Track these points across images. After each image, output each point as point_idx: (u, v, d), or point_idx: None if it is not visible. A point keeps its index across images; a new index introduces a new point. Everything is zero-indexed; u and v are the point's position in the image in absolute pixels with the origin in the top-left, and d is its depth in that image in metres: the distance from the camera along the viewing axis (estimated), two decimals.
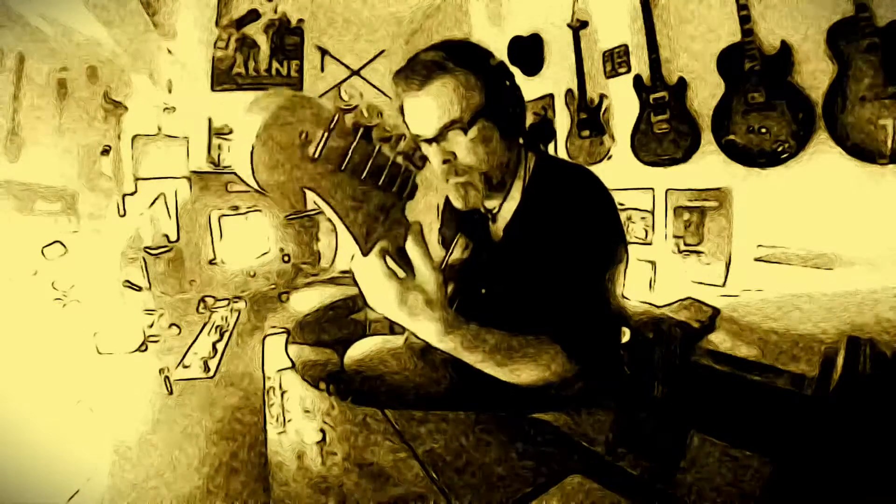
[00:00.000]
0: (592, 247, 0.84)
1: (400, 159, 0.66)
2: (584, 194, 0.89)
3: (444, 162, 0.86)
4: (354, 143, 0.59)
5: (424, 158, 0.69)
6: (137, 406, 1.01)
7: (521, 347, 0.78)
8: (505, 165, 0.92)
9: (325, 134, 0.56)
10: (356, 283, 0.66)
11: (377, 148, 0.62)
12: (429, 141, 0.86)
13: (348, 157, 0.59)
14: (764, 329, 1.75)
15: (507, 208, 0.96)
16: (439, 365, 1.12)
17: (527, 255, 0.89)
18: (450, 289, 0.80)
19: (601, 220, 0.87)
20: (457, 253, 0.90)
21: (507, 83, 0.90)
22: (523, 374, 0.78)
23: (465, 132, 0.84)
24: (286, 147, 0.54)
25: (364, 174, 0.61)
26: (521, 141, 0.96)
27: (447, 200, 1.00)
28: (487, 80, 0.86)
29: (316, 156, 0.56)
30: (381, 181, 0.63)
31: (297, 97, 0.56)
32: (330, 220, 0.61)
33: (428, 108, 0.84)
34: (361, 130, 0.60)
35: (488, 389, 0.90)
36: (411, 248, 0.65)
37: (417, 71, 0.83)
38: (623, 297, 0.94)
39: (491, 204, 0.98)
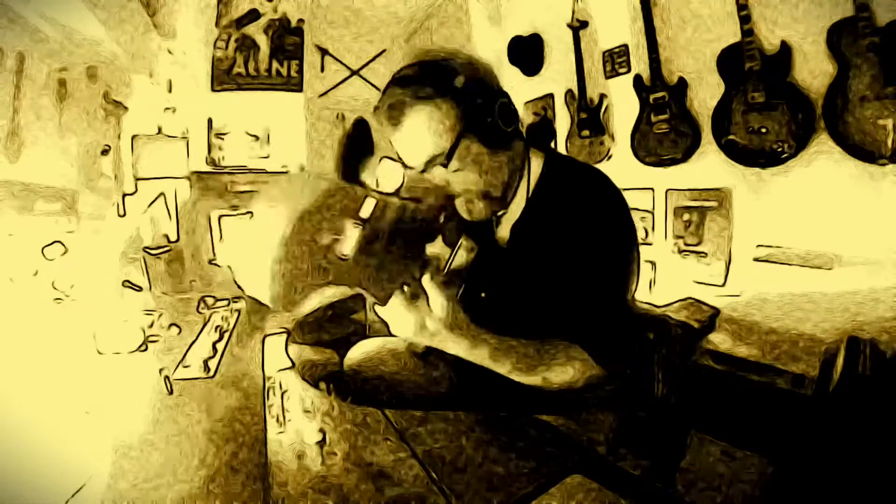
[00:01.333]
0: (609, 250, 0.84)
1: (423, 215, 0.65)
2: (597, 196, 0.88)
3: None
4: (386, 224, 0.55)
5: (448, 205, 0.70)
6: (137, 406, 1.01)
7: (546, 354, 0.79)
8: (504, 175, 0.89)
9: (362, 229, 0.51)
10: (378, 316, 0.70)
11: (400, 216, 0.59)
12: (421, 171, 0.84)
13: (376, 239, 0.55)
14: (764, 329, 1.75)
15: (512, 210, 0.95)
16: (440, 365, 1.12)
17: (534, 257, 0.88)
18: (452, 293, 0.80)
19: (617, 223, 0.86)
20: (461, 257, 0.89)
21: (479, 100, 0.83)
22: (553, 378, 0.79)
23: (446, 166, 0.82)
24: (311, 253, 0.47)
25: (385, 243, 0.58)
26: (520, 142, 0.94)
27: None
28: (458, 102, 0.81)
29: (349, 254, 0.50)
30: (405, 241, 0.61)
31: (329, 190, 0.49)
32: None
33: (408, 146, 0.83)
34: (393, 207, 0.56)
35: (489, 391, 0.90)
36: (427, 282, 0.69)
37: (387, 112, 0.82)
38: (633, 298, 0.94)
39: (499, 210, 0.95)
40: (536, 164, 0.94)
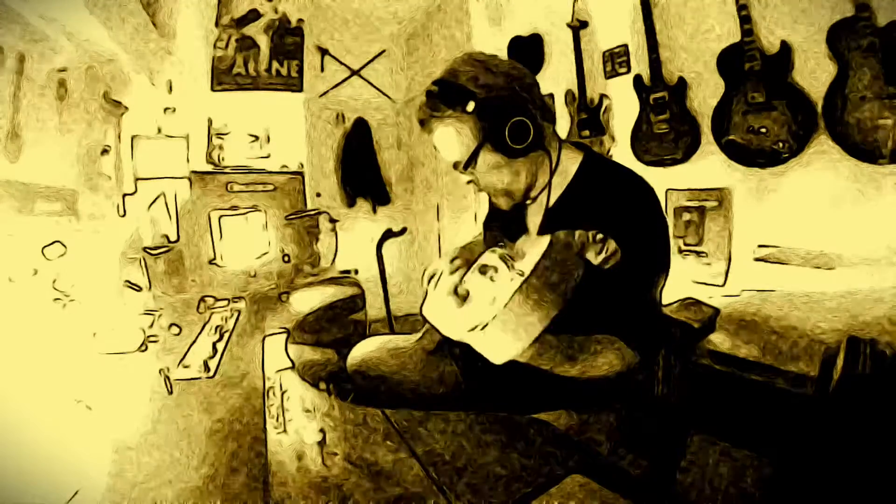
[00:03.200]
0: (643, 243, 0.86)
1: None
2: (632, 193, 0.91)
3: (468, 182, 0.96)
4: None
5: None
6: (137, 406, 1.01)
7: (586, 345, 0.83)
8: (523, 179, 0.94)
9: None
10: (426, 320, 0.72)
11: None
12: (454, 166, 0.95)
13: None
14: (764, 329, 1.75)
15: (540, 201, 0.99)
16: (444, 364, 1.12)
17: None
18: None
19: (652, 218, 0.90)
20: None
21: (492, 120, 0.88)
22: (595, 367, 0.83)
23: (465, 171, 0.93)
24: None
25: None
26: (540, 151, 0.95)
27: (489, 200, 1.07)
28: (476, 119, 0.88)
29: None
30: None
31: None
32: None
33: (441, 150, 0.94)
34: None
35: (497, 388, 0.91)
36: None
37: (420, 123, 0.93)
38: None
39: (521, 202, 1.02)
40: (573, 162, 0.97)
